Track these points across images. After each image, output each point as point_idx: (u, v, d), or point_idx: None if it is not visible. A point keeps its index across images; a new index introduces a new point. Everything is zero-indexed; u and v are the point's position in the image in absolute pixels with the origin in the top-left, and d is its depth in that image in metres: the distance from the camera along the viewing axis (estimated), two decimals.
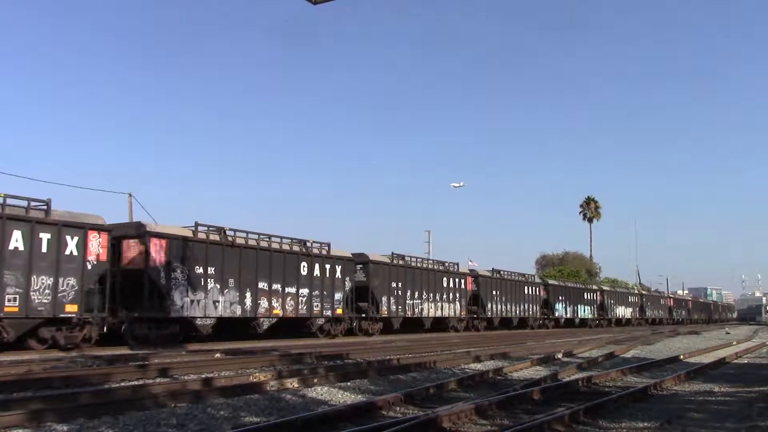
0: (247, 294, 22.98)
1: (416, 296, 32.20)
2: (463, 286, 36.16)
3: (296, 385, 10.71)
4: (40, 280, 16.99)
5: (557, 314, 47.77)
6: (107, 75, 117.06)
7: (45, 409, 7.88)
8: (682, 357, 18.70)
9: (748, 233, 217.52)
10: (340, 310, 27.17)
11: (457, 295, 35.55)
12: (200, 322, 21.25)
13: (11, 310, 16.38)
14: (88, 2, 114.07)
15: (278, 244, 24.84)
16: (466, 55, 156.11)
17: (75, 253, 17.82)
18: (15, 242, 16.63)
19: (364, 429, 6.93)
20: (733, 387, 12.10)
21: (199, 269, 21.33)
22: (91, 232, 18.28)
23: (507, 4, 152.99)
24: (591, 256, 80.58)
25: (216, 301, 21.80)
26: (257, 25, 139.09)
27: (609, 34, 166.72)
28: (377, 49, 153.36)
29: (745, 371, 15.55)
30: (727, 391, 11.62)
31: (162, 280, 20.18)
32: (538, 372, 14.18)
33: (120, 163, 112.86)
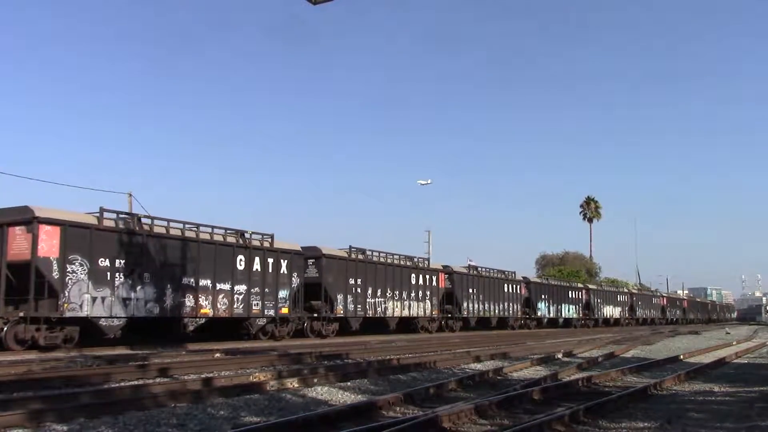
0: (168, 291, 20.23)
1: (379, 294, 29.39)
2: (434, 284, 33.70)
3: (296, 385, 10.70)
4: None
5: (540, 314, 45.56)
6: (107, 75, 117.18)
7: (45, 409, 7.87)
8: (682, 357, 18.69)
9: (748, 233, 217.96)
10: (286, 310, 24.41)
11: (428, 293, 33.04)
12: (105, 323, 18.60)
13: None
14: (88, 2, 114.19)
15: (208, 235, 21.99)
16: (466, 55, 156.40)
17: None
18: None
19: (364, 429, 6.91)
20: (734, 387, 12.10)
21: (105, 262, 18.62)
22: None
23: (507, 4, 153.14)
24: (591, 256, 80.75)
25: (126, 299, 19.10)
26: (257, 25, 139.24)
27: (609, 34, 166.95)
28: (377, 49, 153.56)
29: (745, 371, 15.53)
30: (727, 390, 11.62)
31: (54, 273, 17.48)
32: (538, 372, 14.16)
33: (120, 163, 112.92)
